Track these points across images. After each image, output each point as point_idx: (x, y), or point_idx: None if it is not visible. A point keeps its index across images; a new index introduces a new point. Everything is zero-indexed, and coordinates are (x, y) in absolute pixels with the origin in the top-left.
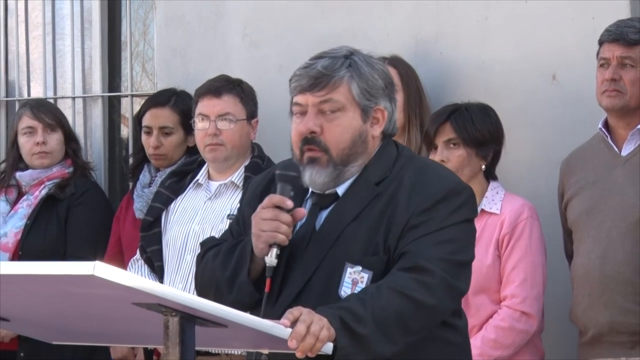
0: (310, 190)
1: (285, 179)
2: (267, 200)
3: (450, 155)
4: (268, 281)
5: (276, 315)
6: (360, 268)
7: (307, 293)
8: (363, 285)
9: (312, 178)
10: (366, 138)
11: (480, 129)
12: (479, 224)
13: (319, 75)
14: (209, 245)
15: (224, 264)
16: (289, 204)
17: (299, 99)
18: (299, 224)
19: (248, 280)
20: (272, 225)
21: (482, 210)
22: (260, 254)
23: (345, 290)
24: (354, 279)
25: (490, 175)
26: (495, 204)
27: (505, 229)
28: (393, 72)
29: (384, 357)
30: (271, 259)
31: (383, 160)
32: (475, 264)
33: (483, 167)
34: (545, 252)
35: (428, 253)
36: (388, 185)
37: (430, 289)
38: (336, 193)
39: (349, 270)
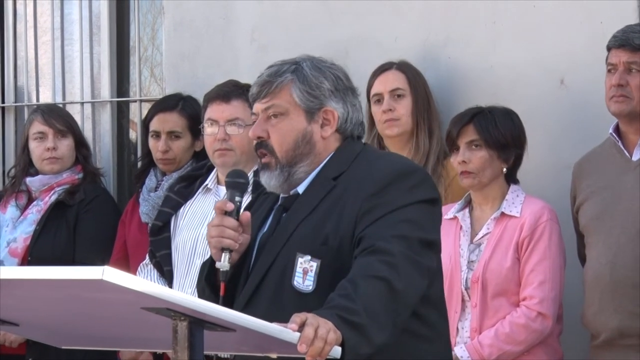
0: (280, 196)
1: (232, 186)
2: (214, 207)
3: (472, 156)
4: (222, 285)
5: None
6: (309, 257)
7: (264, 286)
8: (312, 274)
9: (266, 182)
10: (311, 139)
11: (503, 132)
12: (499, 227)
13: (263, 82)
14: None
15: (200, 276)
16: (229, 206)
17: (253, 107)
18: (266, 227)
19: (206, 285)
20: (217, 231)
21: (502, 213)
22: (216, 260)
23: (297, 279)
24: (305, 268)
25: (511, 178)
26: (516, 207)
27: (525, 231)
28: (401, 77)
29: (380, 346)
30: (223, 263)
31: (342, 156)
32: (494, 267)
33: (504, 170)
34: (564, 255)
35: (383, 233)
36: (343, 179)
37: (393, 266)
38: (298, 193)
39: (299, 260)
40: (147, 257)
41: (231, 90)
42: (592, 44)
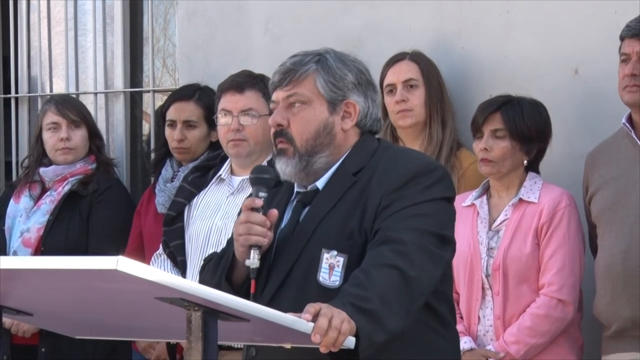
0: (295, 190)
1: (257, 182)
2: (242, 205)
3: (494, 144)
4: (253, 283)
5: None
6: (335, 252)
7: (289, 283)
8: (339, 269)
9: (282, 169)
10: (332, 130)
11: (529, 124)
12: (517, 213)
13: (287, 70)
14: (208, 259)
15: (213, 273)
16: (258, 202)
17: (273, 96)
18: (283, 222)
19: (226, 283)
20: (245, 228)
21: (520, 199)
22: (241, 258)
23: (323, 275)
24: (331, 264)
25: (531, 170)
26: (534, 193)
27: (544, 217)
28: (414, 68)
29: (395, 333)
30: (253, 261)
31: (362, 152)
32: (514, 254)
33: (525, 162)
34: (584, 241)
35: (398, 225)
36: (364, 174)
37: (405, 255)
38: (317, 188)
39: (325, 255)
40: (161, 247)
41: (245, 81)
42: (606, 34)
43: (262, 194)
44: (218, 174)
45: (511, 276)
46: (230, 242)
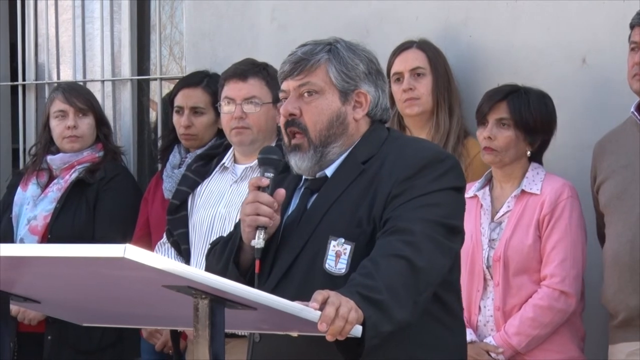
0: (303, 177)
1: (264, 162)
2: (249, 184)
3: (498, 133)
4: (257, 263)
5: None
6: (343, 240)
7: (295, 269)
8: (346, 257)
9: (297, 164)
10: (345, 120)
11: (534, 115)
12: (519, 204)
13: (298, 60)
14: (214, 243)
15: (219, 257)
16: (264, 181)
17: (283, 85)
18: (291, 208)
19: (233, 265)
20: (252, 208)
21: (523, 190)
22: (247, 240)
23: (330, 262)
24: (337, 251)
25: (535, 160)
26: (536, 184)
27: (546, 209)
28: (421, 56)
29: (401, 323)
30: (258, 241)
31: (371, 141)
32: (515, 245)
33: (528, 153)
34: (586, 232)
35: (408, 215)
36: (373, 163)
37: (414, 245)
38: (326, 176)
39: (332, 243)
40: (165, 235)
41: (248, 69)
42: (613, 23)
43: (268, 174)
44: (221, 162)
45: (512, 267)
46: (237, 225)
